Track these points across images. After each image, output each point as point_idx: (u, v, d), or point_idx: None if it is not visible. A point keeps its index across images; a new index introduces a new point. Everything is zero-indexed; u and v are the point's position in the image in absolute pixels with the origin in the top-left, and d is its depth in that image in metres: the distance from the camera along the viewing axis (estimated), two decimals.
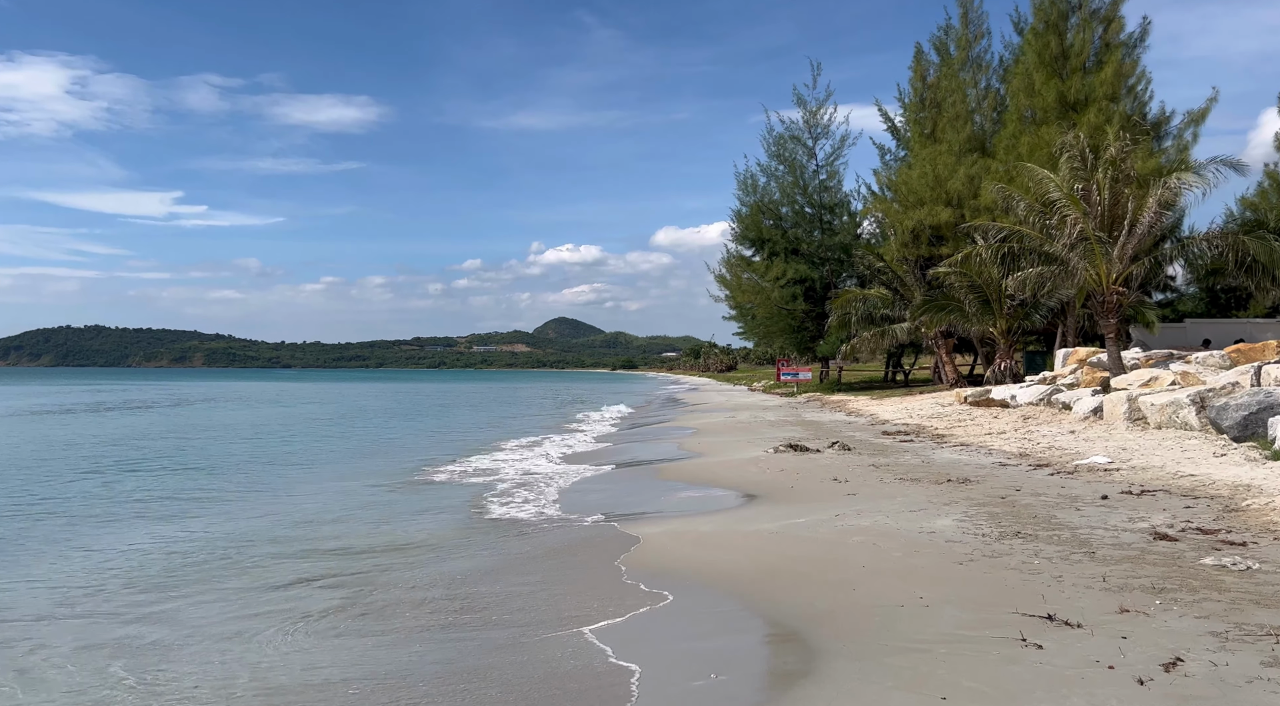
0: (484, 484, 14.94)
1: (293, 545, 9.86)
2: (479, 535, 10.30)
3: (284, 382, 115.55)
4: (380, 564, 8.82)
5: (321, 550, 9.54)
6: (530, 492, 13.58)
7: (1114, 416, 18.04)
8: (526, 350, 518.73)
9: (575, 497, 13.04)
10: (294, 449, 22.38)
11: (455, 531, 10.59)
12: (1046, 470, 13.35)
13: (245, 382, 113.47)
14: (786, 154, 51.55)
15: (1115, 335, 21.83)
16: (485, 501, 12.90)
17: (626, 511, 11.36)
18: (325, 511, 12.32)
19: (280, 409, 46.65)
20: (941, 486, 12.20)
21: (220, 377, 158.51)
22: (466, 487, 14.59)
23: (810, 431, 23.47)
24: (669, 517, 10.58)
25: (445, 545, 9.75)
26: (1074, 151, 21.69)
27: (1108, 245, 21.10)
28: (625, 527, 10.09)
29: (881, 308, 40.11)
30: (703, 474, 14.63)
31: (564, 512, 11.67)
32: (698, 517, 10.54)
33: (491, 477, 15.70)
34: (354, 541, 10.00)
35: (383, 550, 9.51)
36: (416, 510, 12.36)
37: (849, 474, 13.82)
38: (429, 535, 10.35)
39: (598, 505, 12.11)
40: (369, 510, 12.40)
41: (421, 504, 12.96)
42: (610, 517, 10.93)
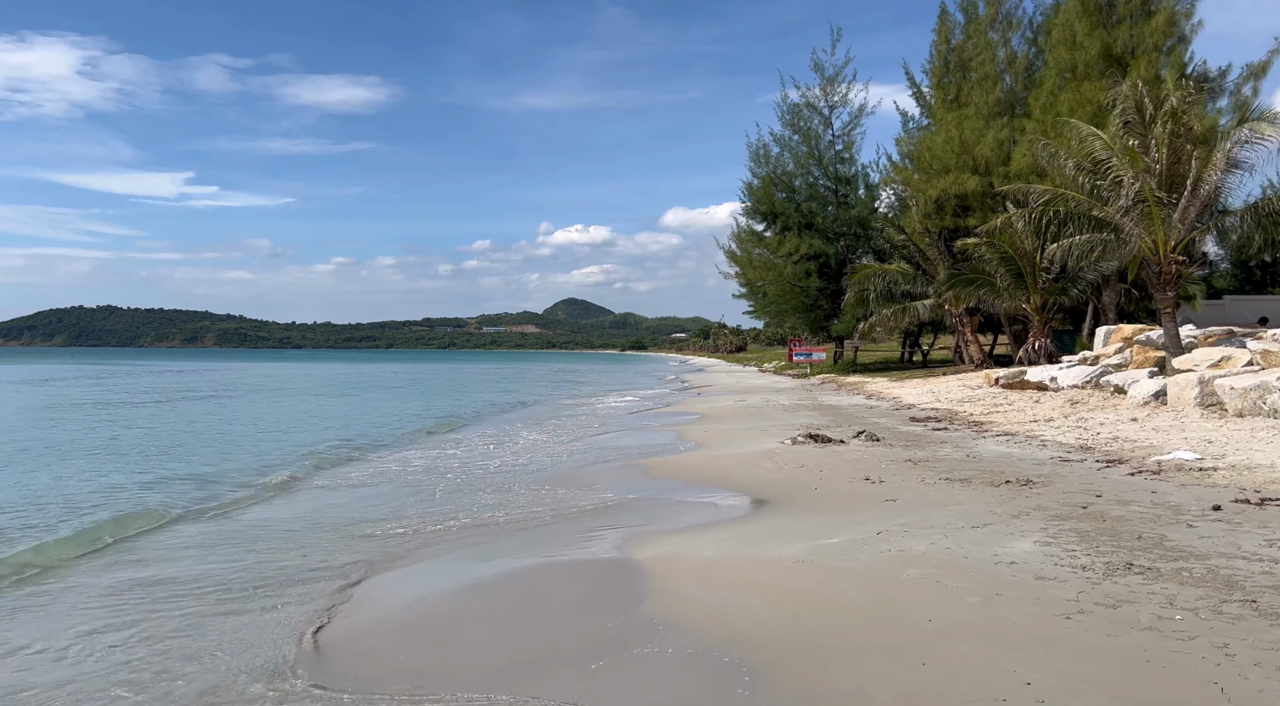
0: (420, 478, 12.76)
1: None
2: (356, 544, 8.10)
3: (307, 364, 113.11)
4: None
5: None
6: (488, 495, 11.40)
7: (1182, 401, 15.73)
8: (536, 331, 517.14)
9: (539, 503, 10.84)
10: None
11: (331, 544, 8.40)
12: (1123, 468, 11.09)
13: (270, 364, 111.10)
14: (801, 123, 49.01)
15: (1173, 311, 19.46)
16: (406, 509, 10.71)
17: (604, 524, 9.16)
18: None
19: (348, 398, 44.68)
20: (1000, 489, 9.97)
21: (237, 358, 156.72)
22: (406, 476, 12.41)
23: (829, 417, 21.23)
24: (657, 535, 8.36)
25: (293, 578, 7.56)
26: (1128, 103, 19.24)
27: (1169, 208, 18.69)
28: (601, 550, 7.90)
29: (902, 284, 37.70)
30: (706, 470, 12.40)
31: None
32: (697, 533, 8.32)
33: (436, 464, 13.51)
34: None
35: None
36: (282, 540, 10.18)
37: (883, 471, 11.59)
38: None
39: (566, 515, 9.91)
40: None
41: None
42: (582, 534, 8.74)
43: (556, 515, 9.76)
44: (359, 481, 13.10)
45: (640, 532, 8.46)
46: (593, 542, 8.10)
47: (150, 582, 7.34)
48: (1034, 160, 27.80)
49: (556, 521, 9.43)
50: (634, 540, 8.06)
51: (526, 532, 8.97)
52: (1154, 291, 20.04)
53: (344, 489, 12.50)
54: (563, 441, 17.74)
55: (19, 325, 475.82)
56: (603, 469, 13.06)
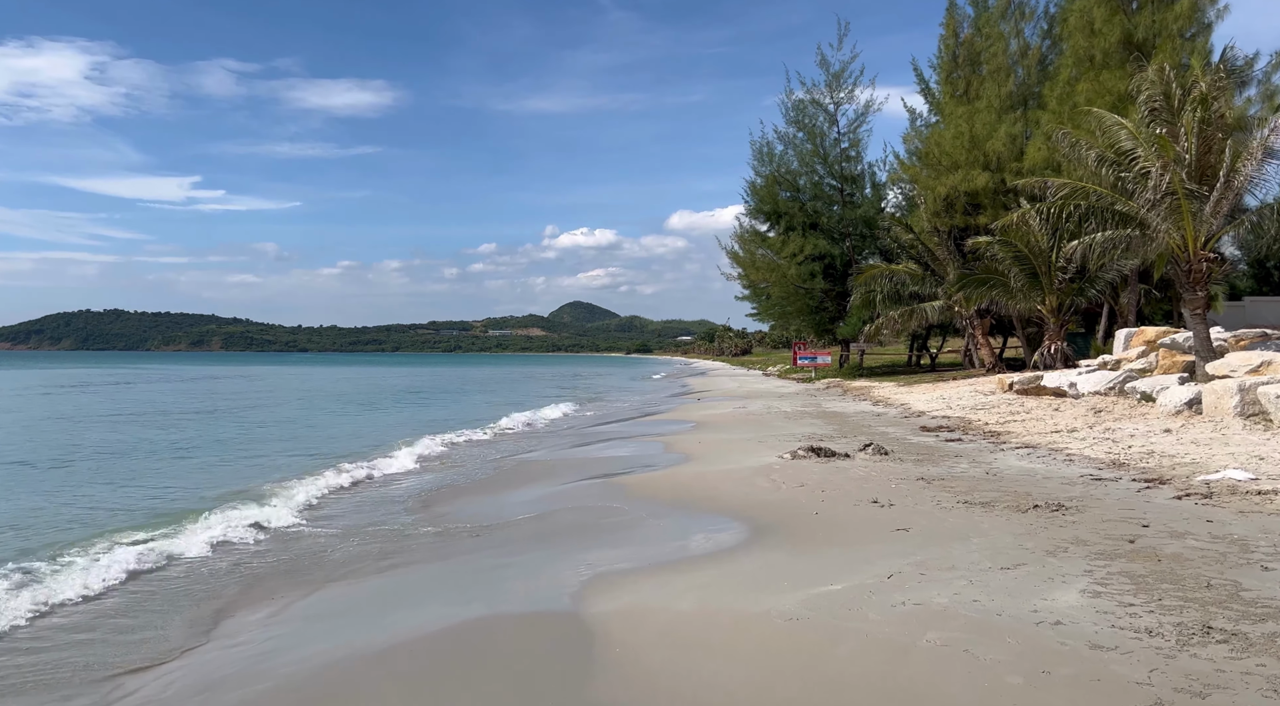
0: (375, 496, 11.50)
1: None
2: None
3: (317, 368, 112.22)
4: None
5: None
6: (420, 515, 10.13)
7: (1219, 411, 14.39)
8: (541, 334, 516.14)
9: (494, 535, 9.56)
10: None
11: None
12: (1166, 490, 9.76)
13: (285, 367, 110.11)
14: (806, 120, 47.63)
15: (1203, 312, 18.11)
16: (325, 542, 9.44)
17: (565, 560, 7.87)
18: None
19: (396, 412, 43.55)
20: (1028, 516, 8.66)
21: (245, 362, 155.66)
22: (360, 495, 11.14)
23: (834, 425, 19.92)
24: (626, 575, 7.07)
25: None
26: (1155, 89, 17.91)
27: (1199, 201, 17.34)
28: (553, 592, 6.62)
29: (910, 284, 36.31)
30: (695, 490, 11.10)
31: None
32: (675, 573, 7.03)
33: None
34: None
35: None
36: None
37: (893, 492, 10.29)
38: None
39: (525, 544, 8.63)
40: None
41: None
42: (537, 573, 7.45)
43: (511, 550, 8.46)
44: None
45: (607, 572, 7.17)
46: (547, 586, 6.82)
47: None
48: (1050, 154, 26.52)
49: (510, 557, 8.13)
50: (597, 584, 6.77)
51: (469, 569, 7.70)
52: (1182, 291, 18.69)
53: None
54: (540, 455, 16.44)
55: (26, 329, 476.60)
56: (578, 489, 11.75)
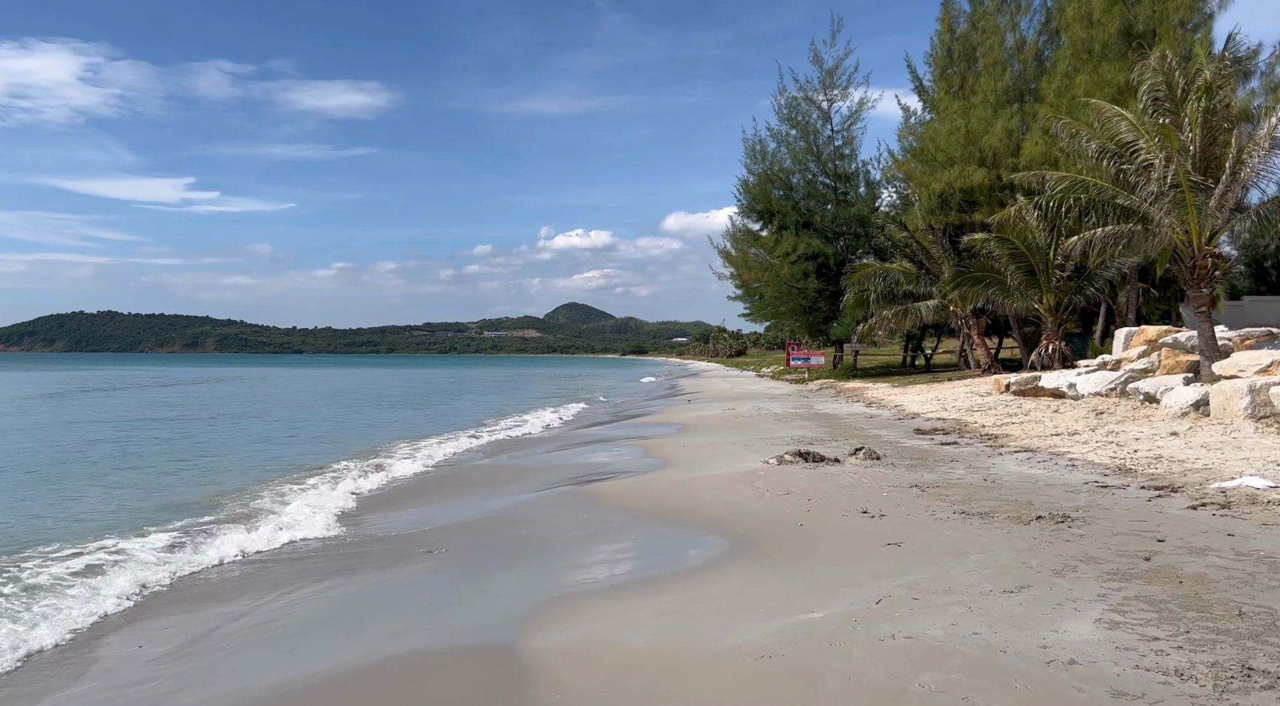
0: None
1: None
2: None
3: (315, 369, 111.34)
4: None
5: None
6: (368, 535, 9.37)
7: (1228, 412, 13.68)
8: (537, 335, 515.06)
9: (441, 554, 8.81)
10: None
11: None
12: (1179, 499, 9.04)
13: (279, 369, 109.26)
14: (799, 117, 46.88)
15: (1208, 310, 17.40)
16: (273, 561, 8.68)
17: (515, 581, 7.12)
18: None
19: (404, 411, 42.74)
20: (1030, 528, 7.93)
21: (241, 364, 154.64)
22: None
23: (825, 428, 19.19)
24: (582, 598, 6.31)
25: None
26: (1157, 79, 17.20)
27: (1204, 194, 16.63)
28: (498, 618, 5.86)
29: (904, 283, 35.60)
30: (672, 499, 10.34)
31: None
32: (637, 597, 6.27)
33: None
34: None
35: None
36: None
37: (884, 501, 9.55)
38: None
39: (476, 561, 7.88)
40: None
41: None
42: (480, 595, 6.71)
43: (462, 569, 7.71)
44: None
45: (563, 595, 6.41)
46: (493, 612, 6.06)
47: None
48: (1047, 148, 25.85)
49: (460, 577, 7.38)
50: (549, 610, 6.01)
51: (412, 591, 6.95)
52: (1186, 288, 17.99)
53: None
54: (514, 460, 15.66)
55: (20, 331, 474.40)
56: (546, 498, 10.97)
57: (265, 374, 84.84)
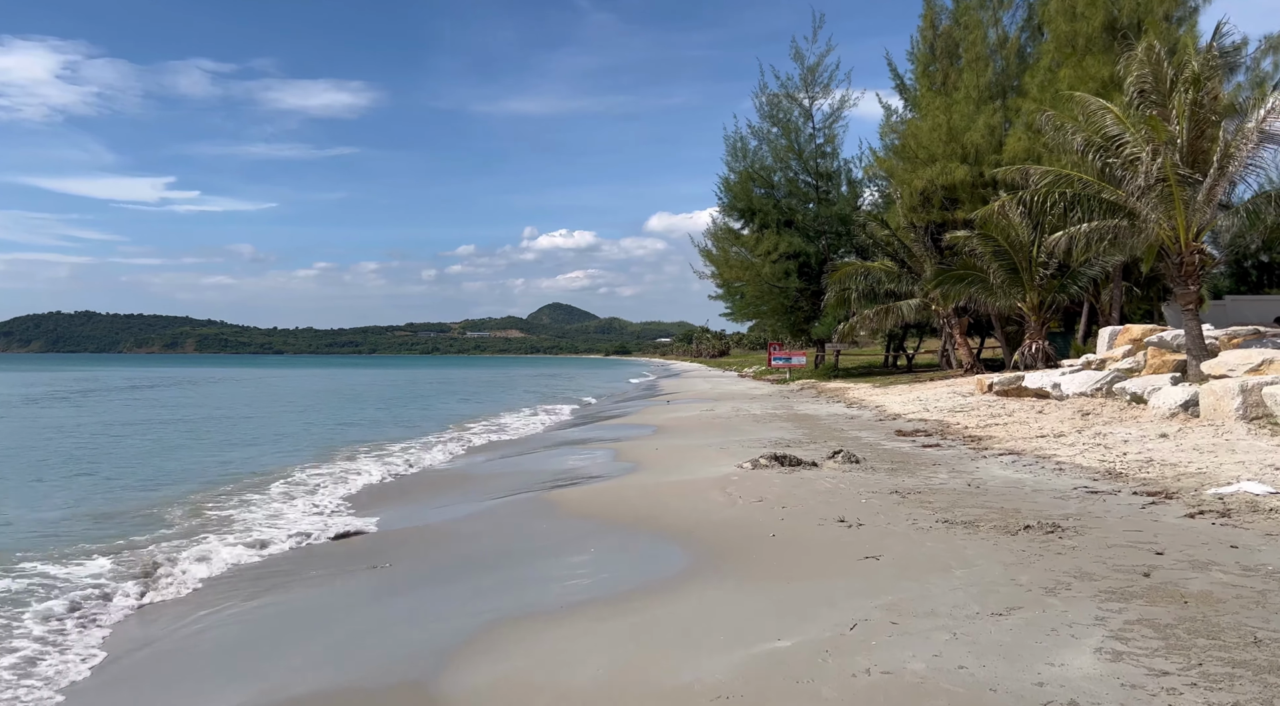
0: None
1: None
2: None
3: (294, 369, 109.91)
4: None
5: None
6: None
7: (1219, 413, 13.21)
8: (520, 336, 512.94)
9: (395, 559, 8.18)
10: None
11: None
12: (1174, 506, 8.51)
13: (259, 370, 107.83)
14: (781, 114, 46.45)
15: (1195, 308, 16.98)
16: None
17: (456, 599, 6.50)
18: None
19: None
20: (1018, 539, 7.38)
21: (220, 364, 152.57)
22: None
23: (804, 429, 18.64)
24: (521, 622, 5.69)
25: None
26: (1144, 70, 16.75)
27: (1192, 188, 16.19)
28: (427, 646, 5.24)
29: (886, 282, 35.15)
30: (639, 506, 9.73)
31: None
32: (585, 620, 5.65)
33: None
34: None
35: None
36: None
37: (863, 508, 8.98)
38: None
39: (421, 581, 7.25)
40: None
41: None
42: (409, 620, 6.08)
43: (400, 588, 7.08)
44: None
45: (505, 618, 5.79)
46: (420, 641, 5.44)
47: None
48: (1030, 144, 25.45)
49: (395, 597, 6.75)
50: (486, 637, 5.38)
51: (342, 613, 6.31)
52: (1172, 286, 17.57)
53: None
54: (481, 465, 14.98)
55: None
56: (504, 506, 10.33)
57: (242, 375, 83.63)
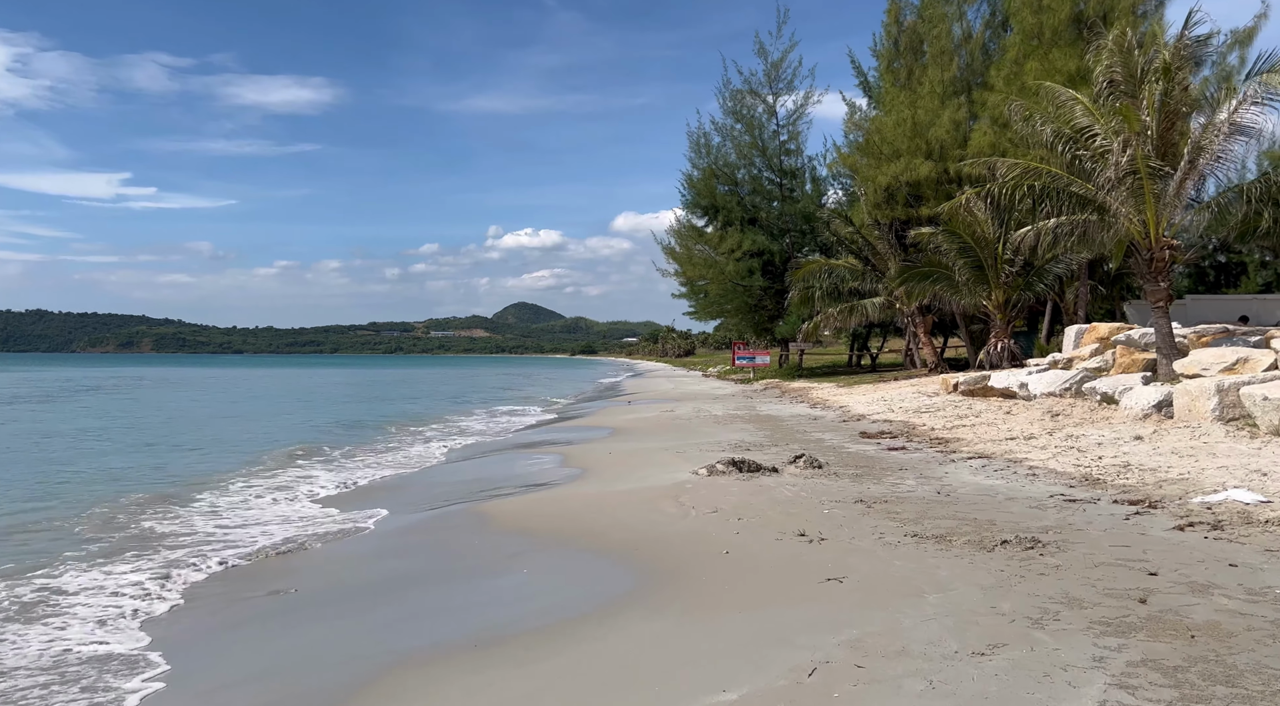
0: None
1: None
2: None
3: (249, 369, 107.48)
4: None
5: None
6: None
7: (1194, 414, 12.67)
8: (485, 335, 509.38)
9: (300, 583, 7.30)
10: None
11: None
12: (1159, 516, 7.86)
13: (212, 369, 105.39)
14: (744, 111, 45.91)
15: (1165, 305, 16.52)
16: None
17: (365, 620, 5.64)
18: None
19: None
20: (995, 556, 6.67)
21: (176, 364, 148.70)
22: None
23: (766, 431, 17.94)
24: (421, 668, 4.85)
25: None
26: (1114, 60, 16.23)
27: (1164, 181, 15.71)
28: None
29: (850, 280, 34.66)
30: (583, 518, 8.90)
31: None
32: (498, 663, 4.82)
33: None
34: None
35: None
36: None
37: (826, 521, 8.24)
38: None
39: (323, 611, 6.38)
40: None
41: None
42: (274, 667, 5.22)
43: (297, 618, 6.19)
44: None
45: (406, 657, 4.94)
46: (295, 694, 4.57)
47: None
48: (996, 138, 25.03)
49: (288, 630, 5.87)
50: (378, 687, 4.53)
51: (220, 654, 5.42)
52: (1143, 282, 17.09)
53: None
54: (409, 471, 13.96)
55: None
56: (435, 520, 9.44)
57: (193, 375, 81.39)
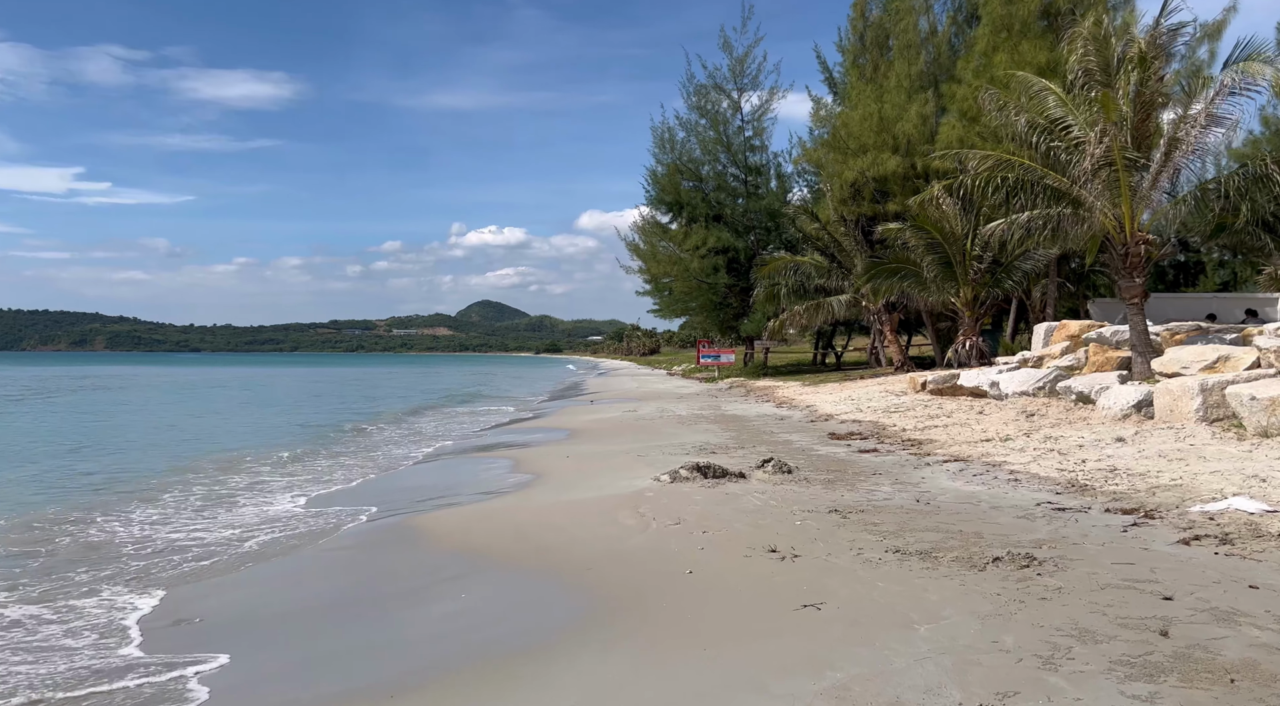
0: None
1: None
2: None
3: (200, 368, 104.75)
4: None
5: None
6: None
7: (1176, 415, 12.15)
8: (449, 333, 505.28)
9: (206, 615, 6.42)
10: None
11: None
12: (1159, 528, 7.23)
13: (160, 368, 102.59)
14: (709, 106, 45.23)
15: (1141, 302, 16.05)
16: None
17: (272, 660, 4.79)
18: None
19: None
20: (988, 576, 5.98)
21: (128, 362, 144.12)
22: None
23: (732, 431, 17.24)
24: None
25: None
26: (1089, 48, 15.71)
27: (1140, 173, 15.22)
28: None
29: (816, 277, 34.10)
30: (528, 534, 8.06)
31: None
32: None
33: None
34: None
35: None
36: None
37: (798, 534, 7.51)
38: None
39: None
40: None
41: None
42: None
43: (190, 658, 5.32)
44: None
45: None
46: None
47: None
48: (965, 132, 24.56)
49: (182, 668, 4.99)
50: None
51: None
52: (1117, 278, 16.61)
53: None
54: (351, 482, 12.89)
55: None
56: (366, 535, 8.54)
57: (141, 373, 78.99)
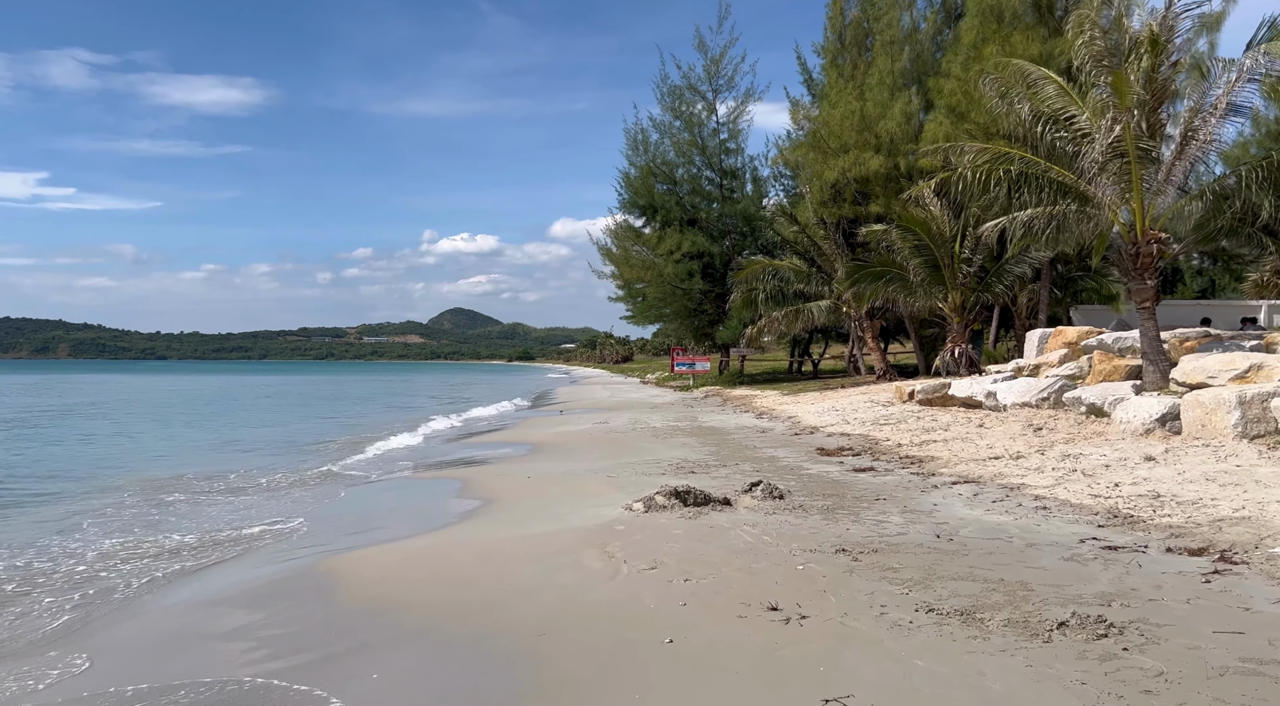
0: None
1: None
2: None
3: (158, 377, 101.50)
4: None
5: None
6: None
7: (1210, 430, 10.88)
8: (420, 341, 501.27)
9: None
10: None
11: None
12: (1246, 575, 5.89)
13: (119, 376, 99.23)
14: (684, 107, 43.97)
15: (1152, 306, 14.85)
16: None
17: None
18: None
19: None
20: (1058, 651, 4.59)
21: (90, 370, 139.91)
22: None
23: (711, 446, 15.81)
24: None
25: None
26: (1095, 31, 14.52)
27: (1153, 166, 14.04)
28: None
29: (795, 282, 32.87)
30: (470, 583, 6.54)
31: None
32: None
33: None
34: None
35: None
36: None
37: (800, 581, 6.08)
38: None
39: None
40: None
41: None
42: None
43: None
44: None
45: None
46: None
47: None
48: (951, 129, 23.36)
49: None
50: None
51: None
52: (1127, 280, 15.42)
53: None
54: (280, 510, 11.17)
55: None
56: (267, 584, 6.97)
57: (91, 381, 76.12)
